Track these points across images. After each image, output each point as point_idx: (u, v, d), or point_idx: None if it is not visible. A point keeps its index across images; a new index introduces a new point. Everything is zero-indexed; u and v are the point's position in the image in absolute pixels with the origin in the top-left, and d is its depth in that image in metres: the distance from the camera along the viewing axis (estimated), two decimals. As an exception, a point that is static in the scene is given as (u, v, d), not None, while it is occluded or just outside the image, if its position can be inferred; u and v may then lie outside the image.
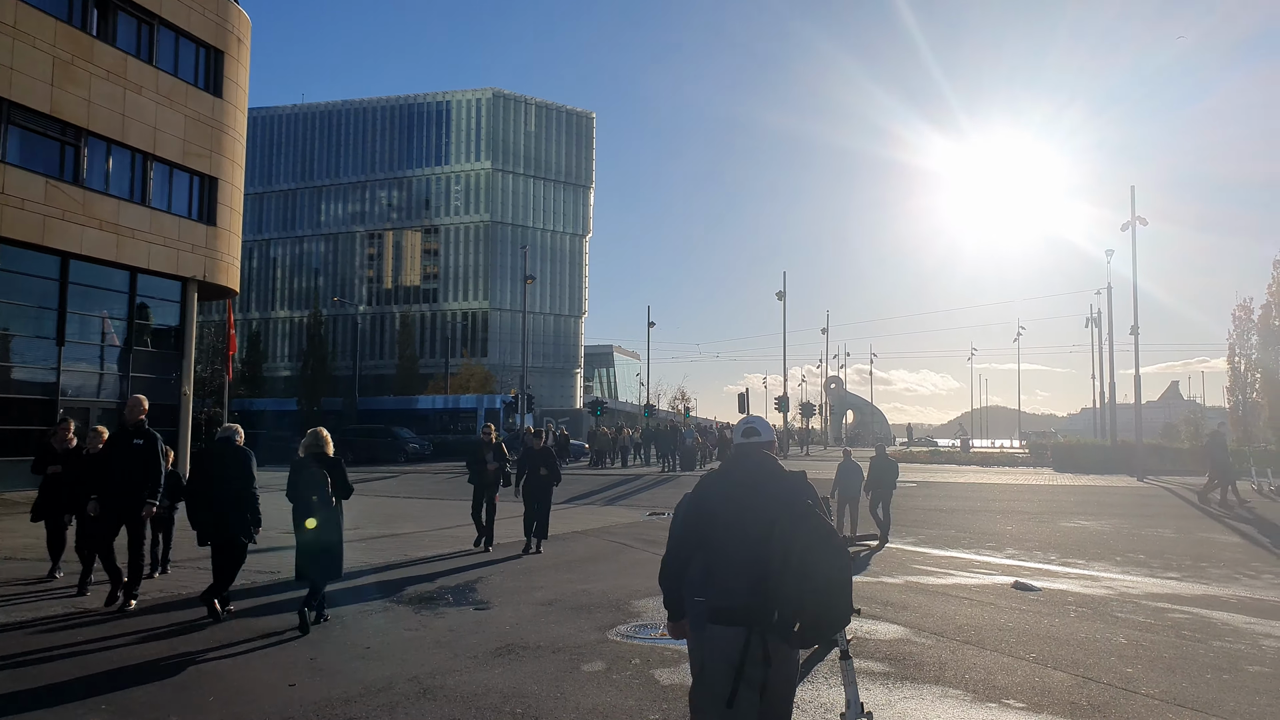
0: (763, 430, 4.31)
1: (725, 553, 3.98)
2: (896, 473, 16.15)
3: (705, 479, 4.32)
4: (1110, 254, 40.64)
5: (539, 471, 13.97)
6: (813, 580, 3.75)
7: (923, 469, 38.56)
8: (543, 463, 14.05)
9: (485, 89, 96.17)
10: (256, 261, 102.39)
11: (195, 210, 28.99)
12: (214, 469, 8.93)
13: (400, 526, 17.55)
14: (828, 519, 3.97)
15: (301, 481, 8.58)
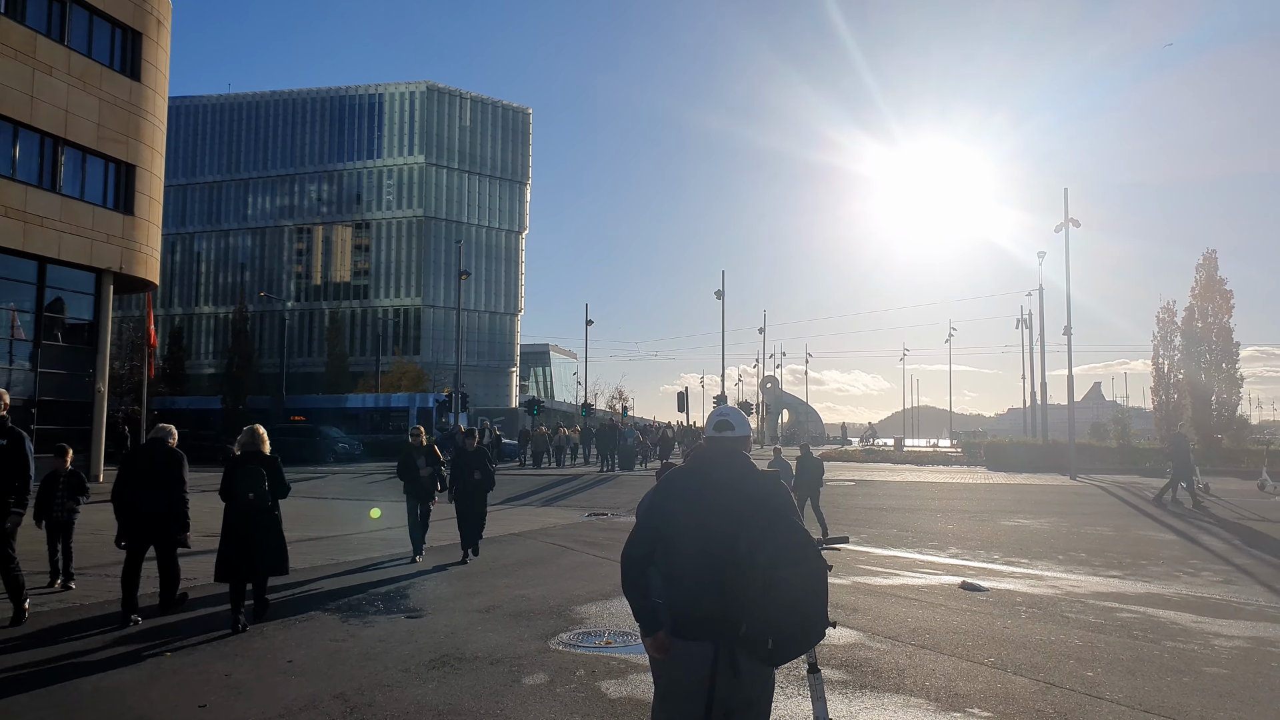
0: (737, 424, 3.88)
1: (688, 559, 3.59)
2: (822, 471, 16.83)
3: (670, 476, 3.91)
4: (1042, 256, 41.36)
5: (472, 475, 13.07)
6: (784, 591, 3.39)
7: (859, 468, 38.72)
8: (476, 466, 13.15)
9: (419, 82, 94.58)
10: (179, 255, 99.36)
11: (111, 199, 27.72)
12: (145, 470, 8.67)
13: (327, 529, 16.82)
14: (801, 524, 3.58)
15: (238, 479, 8.45)
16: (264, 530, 8.47)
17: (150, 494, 8.59)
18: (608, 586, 10.62)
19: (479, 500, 13.11)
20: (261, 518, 8.47)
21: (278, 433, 39.86)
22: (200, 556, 11.89)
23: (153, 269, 29.56)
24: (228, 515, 8.58)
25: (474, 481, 13.07)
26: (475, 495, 13.05)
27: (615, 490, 26.76)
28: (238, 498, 8.44)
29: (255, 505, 8.42)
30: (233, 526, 8.51)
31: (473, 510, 12.99)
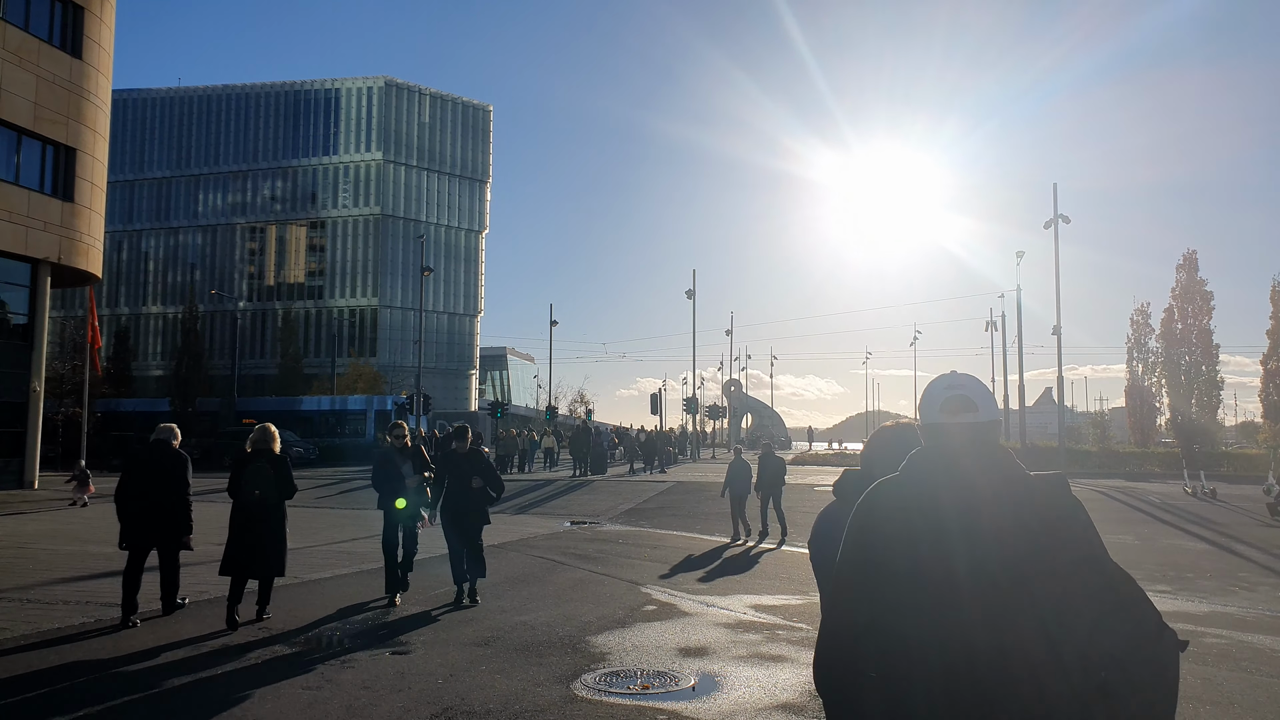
0: (981, 402, 2.28)
1: (922, 635, 2.03)
2: (784, 470, 16.72)
3: (878, 488, 2.28)
4: (1020, 255, 40.64)
5: (470, 484, 9.66)
6: (1119, 692, 1.94)
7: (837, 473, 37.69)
8: (475, 470, 9.78)
9: (377, 77, 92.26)
10: (126, 253, 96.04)
11: (49, 184, 25.78)
12: (147, 472, 8.66)
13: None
14: (1126, 574, 2.18)
15: (245, 477, 8.46)
16: (268, 529, 8.45)
17: (153, 496, 8.58)
18: (618, 610, 9.25)
19: (479, 519, 9.81)
20: (267, 516, 8.45)
21: (229, 436, 38.11)
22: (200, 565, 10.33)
23: (94, 260, 27.60)
24: (234, 512, 8.55)
25: (472, 493, 9.71)
26: (473, 513, 9.75)
27: (592, 496, 25.35)
28: (244, 495, 8.44)
29: (261, 503, 8.41)
30: (238, 524, 8.49)
31: (472, 533, 9.69)
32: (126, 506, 8.64)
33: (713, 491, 23.56)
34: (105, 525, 18.46)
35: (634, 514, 20.90)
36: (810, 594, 10.40)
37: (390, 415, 50.32)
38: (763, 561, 13.40)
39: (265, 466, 8.52)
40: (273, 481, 8.51)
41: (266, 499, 8.45)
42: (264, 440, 8.70)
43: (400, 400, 51.79)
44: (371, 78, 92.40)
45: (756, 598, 10.12)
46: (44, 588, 10.47)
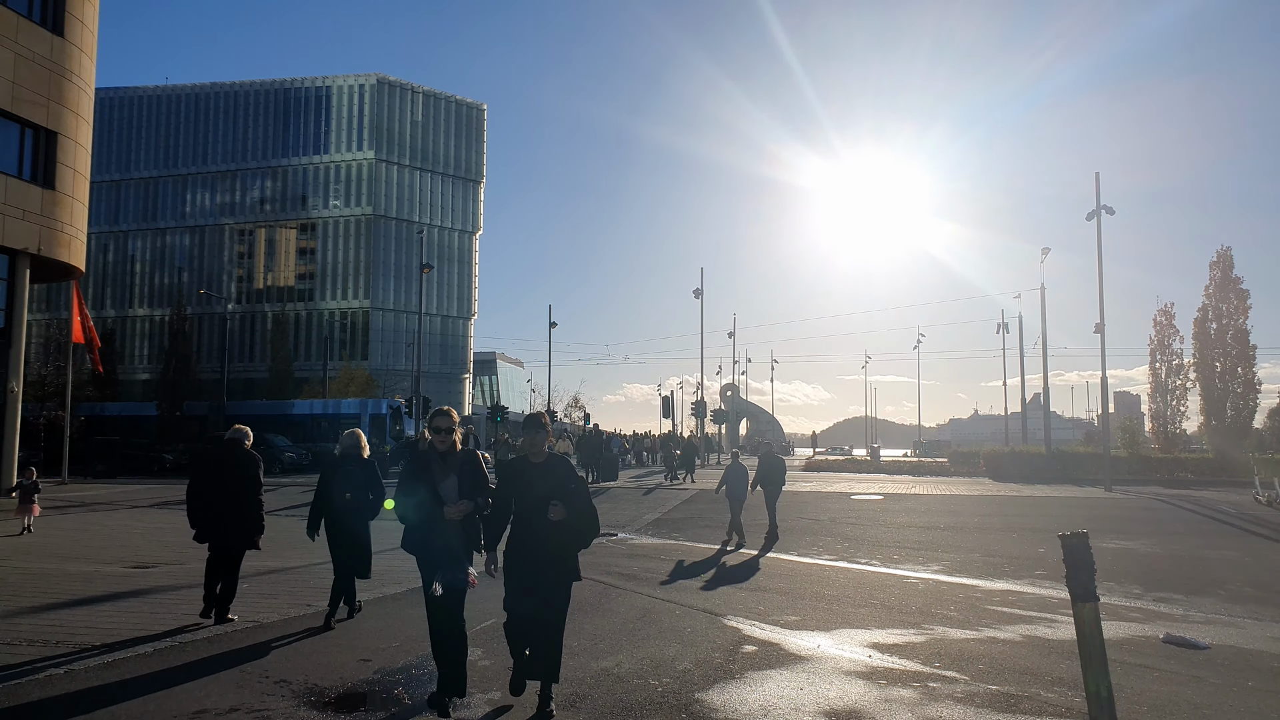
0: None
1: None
2: (784, 470, 17.06)
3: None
4: (1046, 252, 39.17)
5: (546, 515, 5.71)
6: None
7: (856, 479, 36.13)
8: (556, 488, 5.82)
9: (369, 74, 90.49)
10: (113, 255, 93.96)
11: (28, 169, 24.02)
12: (219, 472, 8.76)
13: (287, 556, 13.55)
14: None
15: (336, 480, 8.55)
16: (354, 532, 8.58)
17: (224, 495, 8.66)
18: (713, 652, 7.62)
19: (563, 577, 5.95)
20: (354, 519, 8.57)
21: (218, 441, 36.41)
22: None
23: (77, 253, 25.84)
24: (322, 514, 8.66)
25: (552, 530, 5.79)
26: (557, 566, 5.87)
27: (612, 505, 23.64)
28: (334, 499, 8.52)
29: (350, 506, 8.51)
30: (332, 527, 8.61)
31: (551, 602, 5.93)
32: (198, 506, 8.75)
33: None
34: (86, 536, 16.73)
35: (663, 525, 19.27)
36: (927, 627, 8.79)
37: (386, 419, 48.58)
38: (832, 581, 11.78)
39: (355, 470, 8.66)
40: (363, 484, 8.65)
41: (356, 502, 8.57)
42: (355, 445, 8.82)
43: (395, 404, 50.06)
44: (363, 75, 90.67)
45: (868, 633, 8.50)
46: (6, 619, 8.76)
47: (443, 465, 6.08)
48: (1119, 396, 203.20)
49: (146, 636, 7.98)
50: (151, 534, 17.27)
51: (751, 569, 12.98)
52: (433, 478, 6.00)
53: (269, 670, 6.96)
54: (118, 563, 13.28)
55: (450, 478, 6.01)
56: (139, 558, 13.79)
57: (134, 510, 22.22)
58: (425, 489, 6.01)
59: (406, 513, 6.00)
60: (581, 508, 5.83)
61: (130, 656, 7.28)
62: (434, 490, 5.97)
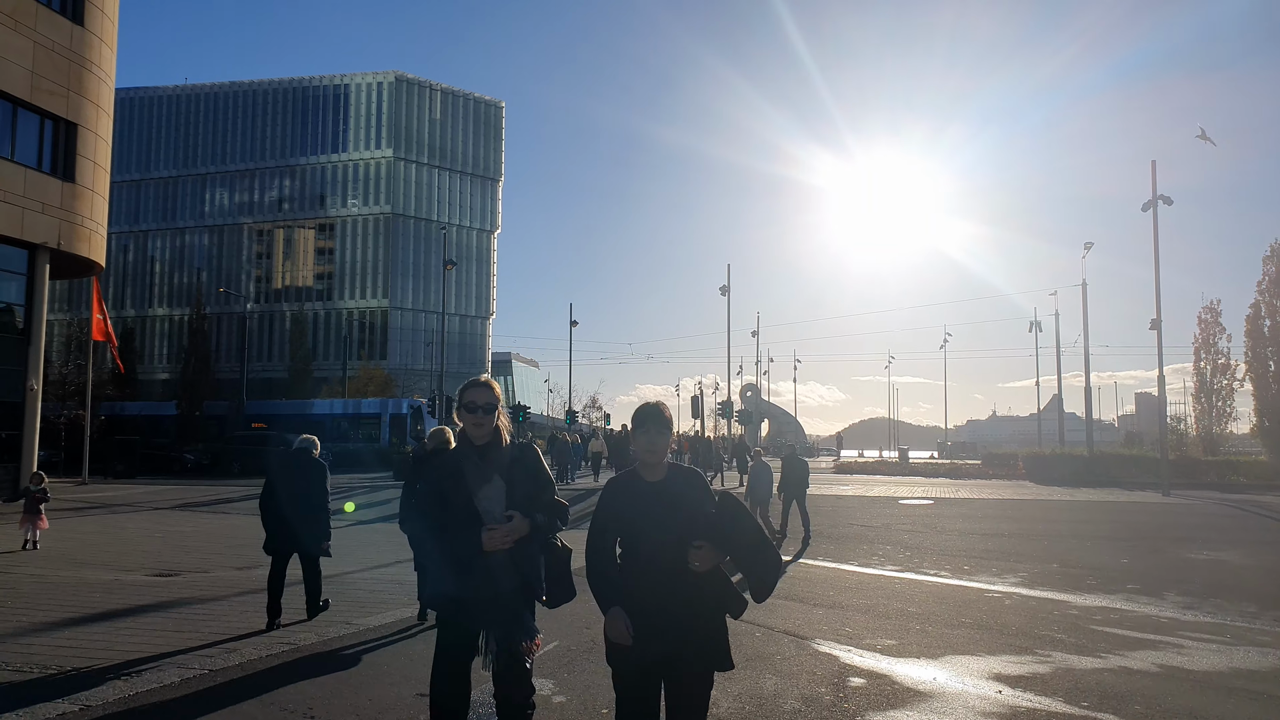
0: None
1: None
2: (808, 472, 17.29)
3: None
4: (1089, 247, 37.99)
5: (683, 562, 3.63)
6: None
7: (893, 482, 35.14)
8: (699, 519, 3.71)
9: (387, 72, 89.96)
10: (133, 255, 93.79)
11: (48, 161, 23.36)
12: (288, 479, 8.85)
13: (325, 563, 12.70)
14: None
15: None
16: None
17: (294, 503, 8.70)
18: (816, 685, 6.72)
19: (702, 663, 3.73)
20: None
21: (238, 441, 35.67)
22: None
23: (98, 248, 25.16)
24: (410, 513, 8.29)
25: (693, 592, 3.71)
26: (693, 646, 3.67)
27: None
28: None
29: None
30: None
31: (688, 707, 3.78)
32: (269, 513, 8.82)
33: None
34: (105, 540, 15.99)
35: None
36: (1042, 653, 7.86)
37: (406, 419, 47.90)
38: (909, 596, 10.86)
39: None
40: None
41: None
42: (445, 441, 8.00)
43: (416, 403, 49.39)
44: (381, 73, 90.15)
45: (981, 661, 7.58)
46: (18, 639, 7.94)
47: (480, 465, 4.01)
48: (1141, 398, 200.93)
49: (170, 652, 7.15)
50: (173, 538, 16.51)
51: (812, 580, 12.07)
52: (466, 484, 3.97)
53: (312, 707, 6.10)
54: (139, 570, 12.51)
55: (494, 482, 3.97)
56: (161, 564, 13.02)
57: (155, 512, 21.51)
58: (453, 502, 3.98)
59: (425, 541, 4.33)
60: (749, 540, 3.62)
61: (155, 687, 6.43)
62: (469, 503, 3.94)
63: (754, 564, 3.62)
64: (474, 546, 3.86)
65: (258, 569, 12.67)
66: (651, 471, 3.75)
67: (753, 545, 3.63)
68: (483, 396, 4.05)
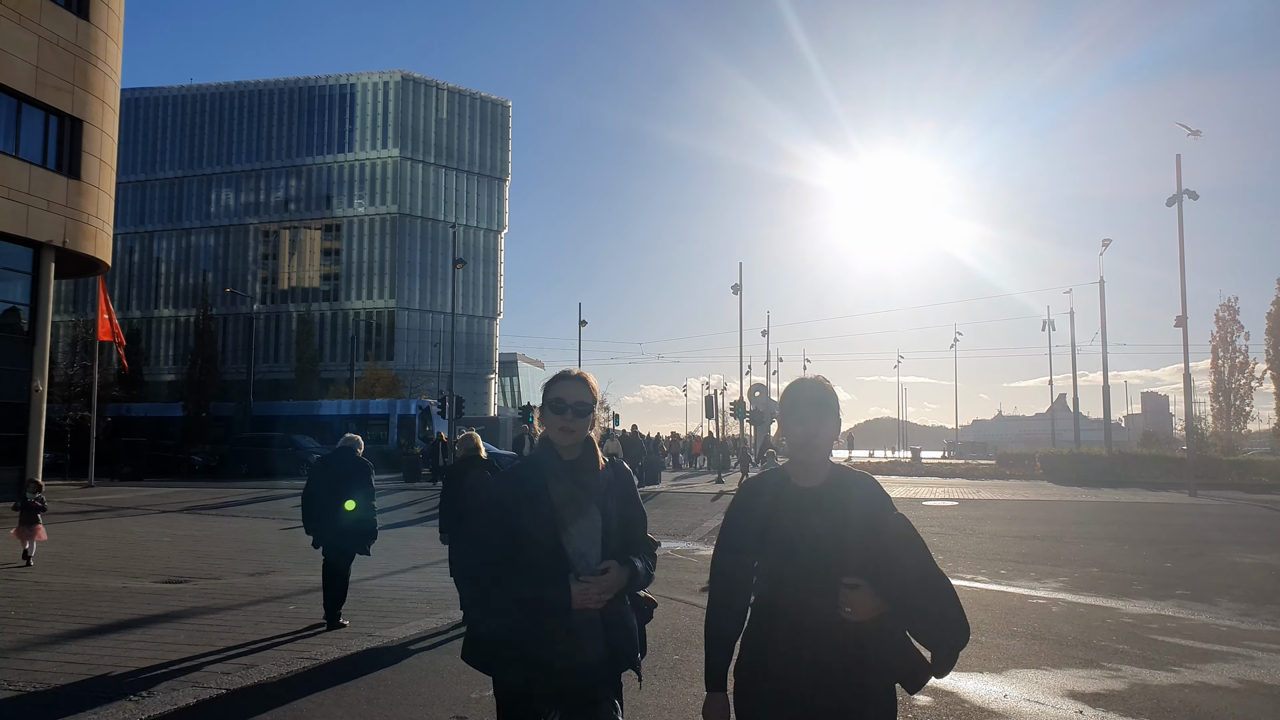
0: None
1: None
2: None
3: None
4: (1107, 244, 37.44)
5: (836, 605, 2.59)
6: None
7: (909, 482, 34.62)
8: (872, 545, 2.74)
9: (393, 71, 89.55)
10: (138, 256, 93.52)
11: (53, 158, 22.96)
12: (332, 479, 8.87)
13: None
14: None
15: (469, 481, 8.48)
16: None
17: (338, 502, 8.73)
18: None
19: None
20: None
21: (245, 443, 35.22)
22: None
23: (104, 246, 24.76)
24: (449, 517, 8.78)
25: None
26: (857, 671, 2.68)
27: (664, 510, 22.27)
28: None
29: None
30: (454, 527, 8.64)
31: None
32: (313, 512, 8.86)
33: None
34: (113, 544, 15.53)
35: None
36: (1110, 666, 7.38)
37: (414, 420, 47.44)
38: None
39: (485, 472, 8.56)
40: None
41: None
42: (474, 448, 8.84)
43: (424, 404, 48.95)
44: (387, 72, 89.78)
45: (1050, 676, 7.09)
46: (20, 653, 7.49)
47: (573, 490, 2.93)
48: (1146, 397, 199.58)
49: (184, 668, 6.69)
50: (182, 543, 16.09)
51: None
52: (552, 515, 2.88)
53: (341, 728, 5.64)
54: (148, 576, 12.08)
55: (589, 516, 2.91)
56: (171, 571, 12.58)
57: (163, 515, 21.10)
58: (533, 538, 2.89)
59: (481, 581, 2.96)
60: (924, 584, 2.55)
61: (169, 710, 5.97)
62: (554, 542, 2.88)
63: (932, 618, 2.49)
64: (558, 602, 2.79)
65: (270, 575, 12.24)
66: (808, 474, 2.70)
67: (931, 591, 2.50)
68: (575, 392, 2.99)
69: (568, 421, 2.96)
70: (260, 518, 20.82)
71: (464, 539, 3.12)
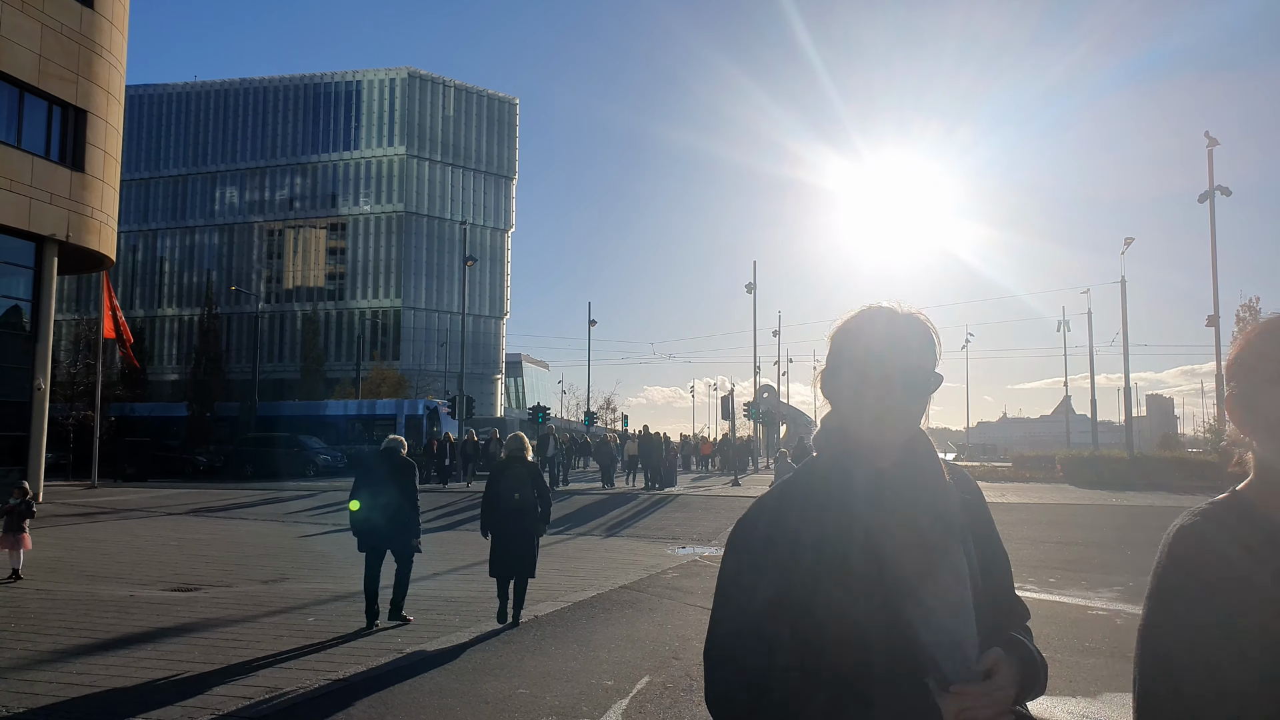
0: None
1: None
2: None
3: None
4: (1129, 242, 36.78)
5: None
6: None
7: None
8: None
9: (399, 68, 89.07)
10: (142, 254, 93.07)
11: (56, 150, 22.36)
12: (380, 479, 8.95)
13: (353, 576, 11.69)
14: None
15: (504, 482, 8.83)
16: (524, 532, 8.75)
17: (382, 501, 8.84)
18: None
19: None
20: (523, 520, 8.78)
21: (250, 443, 34.50)
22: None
23: (108, 241, 24.16)
24: (495, 517, 8.84)
25: None
26: None
27: (685, 514, 21.65)
28: (504, 499, 8.77)
29: (520, 507, 8.75)
30: (499, 527, 8.79)
31: None
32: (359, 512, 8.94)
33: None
34: (118, 549, 14.89)
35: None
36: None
37: (422, 420, 46.79)
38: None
39: (523, 472, 8.90)
40: (530, 486, 8.89)
41: (525, 502, 8.80)
42: (519, 448, 9.08)
43: (433, 404, 48.32)
44: (393, 69, 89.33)
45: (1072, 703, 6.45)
46: (21, 672, 6.88)
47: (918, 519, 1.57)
48: (1151, 400, 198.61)
49: (197, 687, 6.06)
50: (190, 547, 15.48)
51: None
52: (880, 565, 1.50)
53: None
54: (155, 583, 11.48)
55: (951, 564, 1.57)
56: (179, 578, 11.98)
57: (169, 518, 20.51)
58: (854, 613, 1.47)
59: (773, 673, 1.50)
60: None
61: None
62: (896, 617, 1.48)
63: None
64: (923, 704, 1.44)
65: (284, 582, 11.64)
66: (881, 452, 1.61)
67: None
68: (901, 344, 1.63)
69: (890, 398, 1.59)
70: (269, 520, 20.20)
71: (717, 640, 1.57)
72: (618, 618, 9.28)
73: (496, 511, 8.83)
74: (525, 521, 8.77)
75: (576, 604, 10.07)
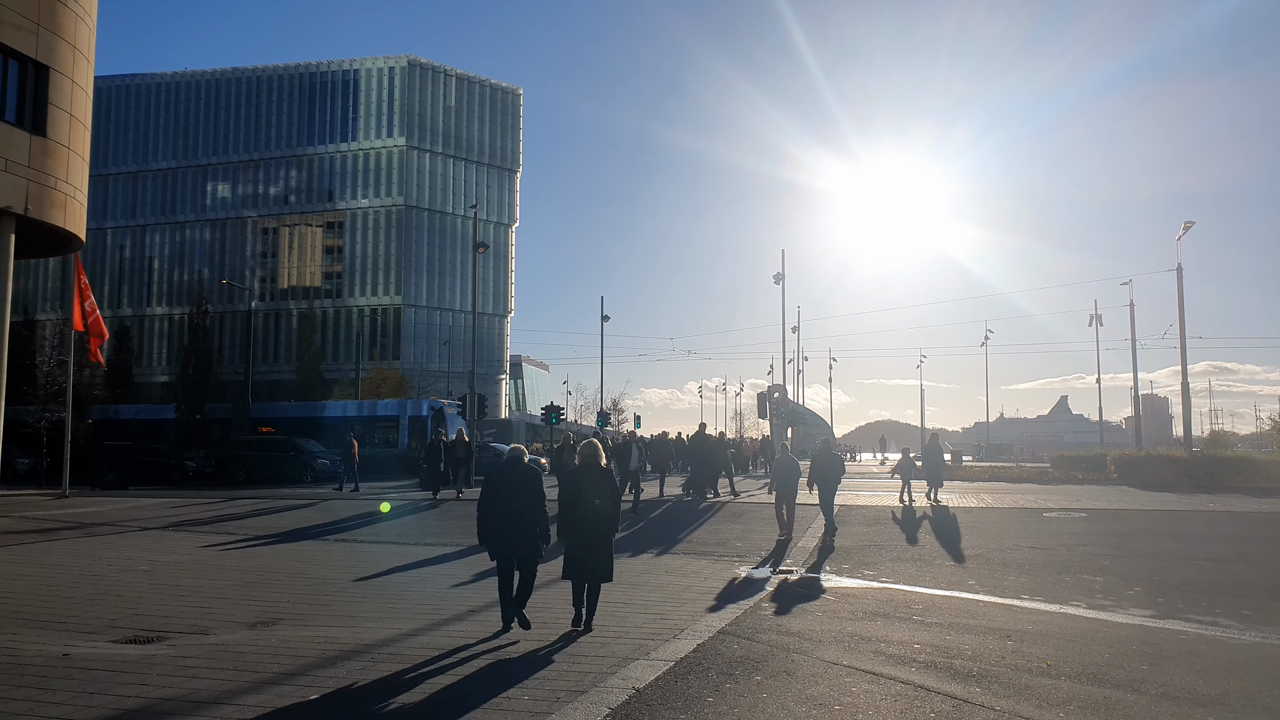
0: None
1: None
2: (842, 469, 17.35)
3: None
4: (1189, 226, 33.88)
5: None
6: None
7: (987, 489, 31.04)
8: None
9: (399, 57, 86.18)
10: (129, 251, 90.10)
11: (12, 109, 19.46)
12: (508, 486, 9.02)
13: (366, 615, 8.78)
14: None
15: (584, 487, 8.92)
16: (602, 537, 8.84)
17: (509, 509, 8.89)
18: None
19: None
20: (600, 525, 8.84)
21: (244, 446, 31.14)
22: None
23: (75, 216, 21.19)
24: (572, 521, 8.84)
25: None
26: None
27: (744, 526, 18.60)
28: (584, 504, 8.86)
29: (599, 512, 8.82)
30: (576, 531, 8.84)
31: None
32: (487, 521, 8.91)
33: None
34: (71, 576, 11.53)
35: (847, 556, 14.35)
36: None
37: (426, 421, 43.85)
38: (1191, 657, 6.85)
39: (600, 477, 9.00)
40: (608, 491, 8.95)
41: (604, 508, 8.82)
42: (595, 455, 9.15)
43: (437, 405, 45.39)
44: (393, 57, 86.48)
45: None
46: None
47: None
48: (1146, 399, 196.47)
49: None
50: (163, 573, 12.54)
51: (1074, 642, 8.00)
52: None
53: None
54: (106, 630, 8.68)
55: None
56: (138, 620, 9.18)
57: (144, 534, 17.58)
58: None
59: None
60: None
61: None
62: None
63: None
64: None
65: (278, 626, 8.80)
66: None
67: None
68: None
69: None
70: (260, 537, 17.21)
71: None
72: (750, 690, 6.37)
73: (576, 516, 8.81)
74: (605, 526, 8.83)
75: (681, 663, 7.26)
